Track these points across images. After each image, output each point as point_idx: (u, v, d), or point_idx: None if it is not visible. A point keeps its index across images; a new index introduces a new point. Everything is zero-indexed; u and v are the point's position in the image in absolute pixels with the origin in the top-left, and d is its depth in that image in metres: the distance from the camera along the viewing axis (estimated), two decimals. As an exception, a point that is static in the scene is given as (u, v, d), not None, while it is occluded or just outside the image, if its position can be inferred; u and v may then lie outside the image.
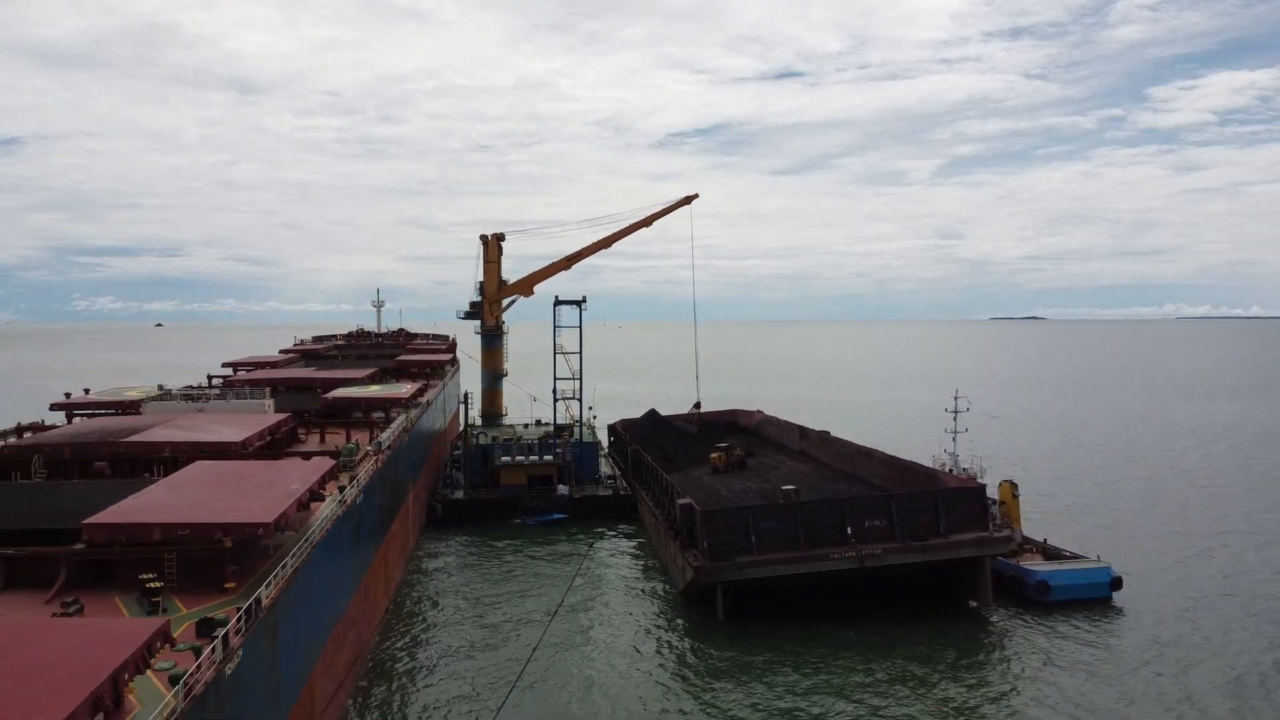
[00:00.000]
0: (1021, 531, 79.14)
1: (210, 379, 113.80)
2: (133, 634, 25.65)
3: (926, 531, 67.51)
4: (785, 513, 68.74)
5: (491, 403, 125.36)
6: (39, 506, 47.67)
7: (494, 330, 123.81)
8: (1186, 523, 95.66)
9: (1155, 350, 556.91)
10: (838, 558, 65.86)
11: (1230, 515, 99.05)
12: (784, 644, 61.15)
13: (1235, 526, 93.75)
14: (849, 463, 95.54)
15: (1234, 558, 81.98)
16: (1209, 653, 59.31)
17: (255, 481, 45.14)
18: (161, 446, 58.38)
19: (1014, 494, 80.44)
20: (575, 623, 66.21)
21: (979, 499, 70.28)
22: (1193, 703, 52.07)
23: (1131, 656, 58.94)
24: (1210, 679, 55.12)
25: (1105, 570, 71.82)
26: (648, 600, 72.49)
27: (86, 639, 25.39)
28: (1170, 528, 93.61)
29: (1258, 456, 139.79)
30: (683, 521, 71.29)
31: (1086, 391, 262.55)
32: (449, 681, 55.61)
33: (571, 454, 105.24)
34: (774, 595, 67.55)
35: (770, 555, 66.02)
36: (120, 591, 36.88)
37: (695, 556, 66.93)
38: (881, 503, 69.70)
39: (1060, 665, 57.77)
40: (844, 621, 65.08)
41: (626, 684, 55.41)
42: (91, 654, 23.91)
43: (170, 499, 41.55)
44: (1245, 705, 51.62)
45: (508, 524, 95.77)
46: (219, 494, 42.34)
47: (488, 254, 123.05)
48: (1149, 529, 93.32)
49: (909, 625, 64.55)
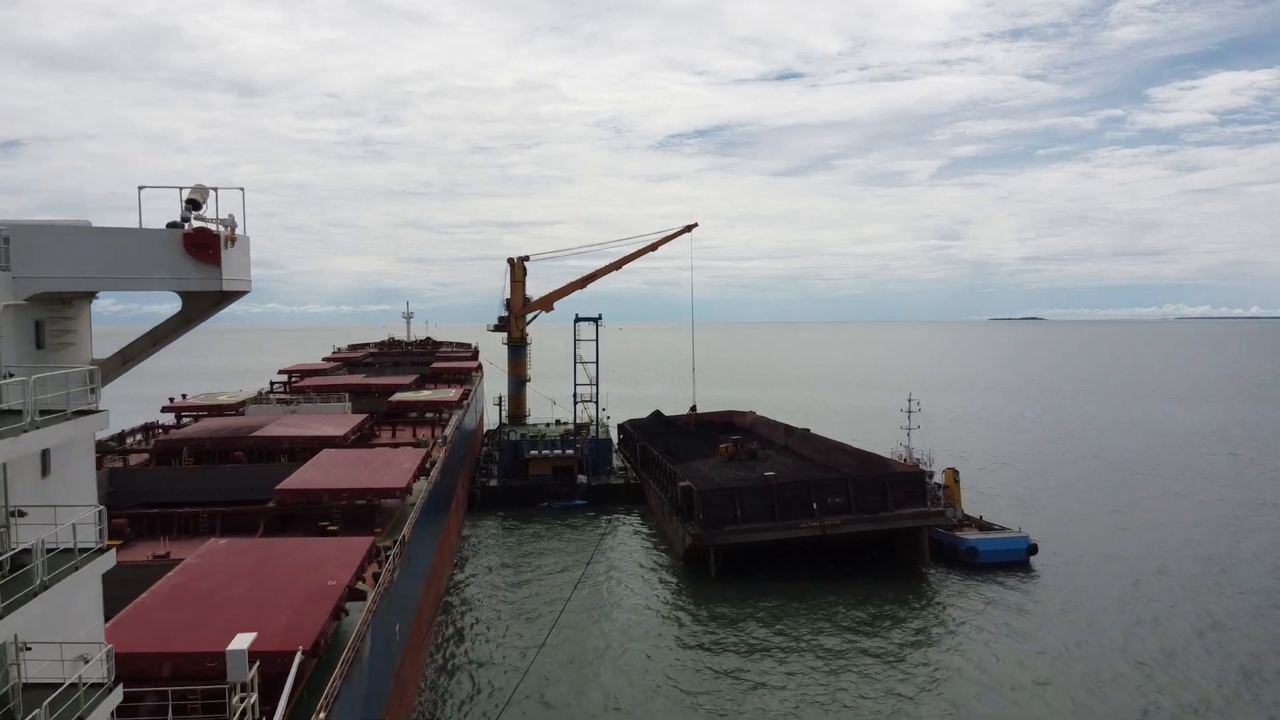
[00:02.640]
0: (961, 509, 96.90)
1: (273, 385, 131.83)
2: (361, 544, 43.46)
3: (876, 506, 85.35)
4: (764, 492, 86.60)
5: (517, 405, 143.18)
6: (203, 485, 65.96)
7: (519, 342, 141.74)
8: (1102, 504, 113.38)
9: (1140, 351, 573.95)
10: (805, 527, 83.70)
11: (1144, 499, 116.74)
12: (764, 595, 78.48)
13: (1148, 508, 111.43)
14: (825, 455, 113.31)
15: (1139, 532, 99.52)
16: (1102, 601, 75.91)
17: (378, 462, 63.04)
18: (282, 440, 76.14)
19: (956, 479, 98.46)
20: (597, 581, 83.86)
21: (919, 481, 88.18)
22: (1086, 633, 68.54)
23: (1039, 605, 75.68)
24: (1100, 620, 71.45)
25: (1024, 539, 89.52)
26: (654, 564, 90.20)
27: (338, 546, 43.17)
28: (1086, 508, 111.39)
29: (1186, 451, 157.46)
30: (683, 500, 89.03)
31: (1048, 393, 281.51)
32: (503, 621, 73.14)
33: (589, 449, 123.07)
34: (756, 557, 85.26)
35: (752, 525, 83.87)
36: (302, 535, 54.54)
37: (693, 527, 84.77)
38: (840, 483, 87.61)
39: (982, 611, 74.64)
40: (811, 577, 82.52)
41: (641, 626, 72.44)
42: (345, 551, 41.68)
43: (324, 473, 59.34)
44: (1125, 637, 68.11)
45: (536, 508, 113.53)
46: (357, 470, 60.15)
47: (514, 274, 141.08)
48: (1068, 508, 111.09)
49: (862, 580, 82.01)
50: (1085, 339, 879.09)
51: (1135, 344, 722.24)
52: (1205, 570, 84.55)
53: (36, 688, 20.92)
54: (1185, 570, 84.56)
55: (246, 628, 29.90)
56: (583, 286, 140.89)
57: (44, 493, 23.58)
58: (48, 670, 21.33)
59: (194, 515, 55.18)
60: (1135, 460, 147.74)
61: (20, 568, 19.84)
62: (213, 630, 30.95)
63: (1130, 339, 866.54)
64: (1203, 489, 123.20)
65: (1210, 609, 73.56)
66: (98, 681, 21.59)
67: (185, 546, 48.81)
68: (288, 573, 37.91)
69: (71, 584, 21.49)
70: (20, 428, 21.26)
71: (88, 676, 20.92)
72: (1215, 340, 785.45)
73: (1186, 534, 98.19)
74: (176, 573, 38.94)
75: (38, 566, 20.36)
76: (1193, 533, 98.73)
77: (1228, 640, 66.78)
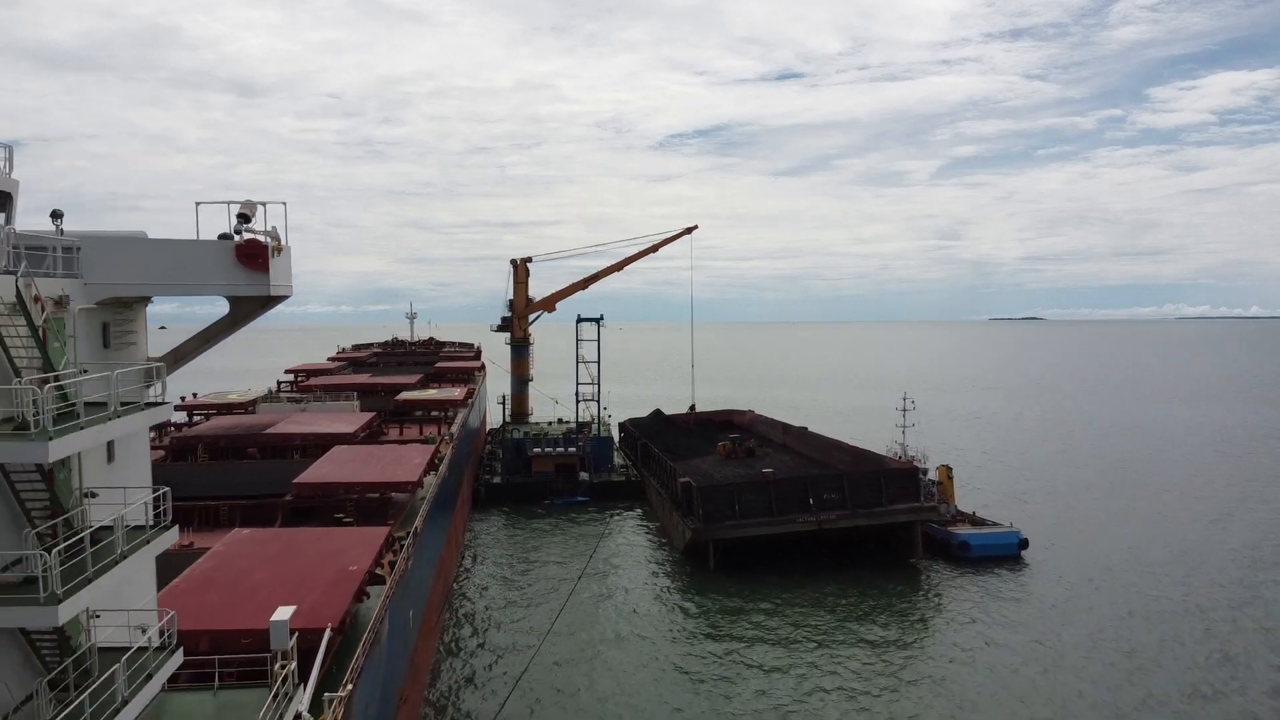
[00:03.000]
0: (955, 505, 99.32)
1: (279, 384, 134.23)
2: (378, 534, 45.87)
3: (871, 502, 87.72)
4: (762, 488, 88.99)
5: (520, 404, 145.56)
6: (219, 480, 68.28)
7: (522, 342, 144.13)
8: (1094, 501, 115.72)
9: (1139, 352, 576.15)
10: (802, 521, 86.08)
11: (1137, 496, 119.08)
12: (761, 587, 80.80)
13: (1139, 505, 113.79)
14: (822, 453, 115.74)
15: (1130, 528, 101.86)
16: (1090, 593, 78.29)
17: (389, 458, 65.45)
18: (294, 437, 78.53)
19: (949, 475, 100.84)
20: (601, 574, 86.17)
21: (913, 477, 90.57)
22: (1074, 624, 70.71)
23: (1029, 597, 78.06)
24: (1087, 611, 73.82)
25: (1015, 534, 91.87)
26: (655, 558, 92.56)
27: (357, 535, 45.59)
28: (1078, 505, 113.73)
29: (1180, 450, 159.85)
30: (683, 495, 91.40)
31: (1044, 392, 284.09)
32: (509, 610, 75.52)
33: (590, 447, 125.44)
34: (753, 551, 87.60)
35: (750, 520, 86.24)
36: (319, 526, 56.93)
37: (693, 522, 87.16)
38: (836, 479, 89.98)
39: (974, 602, 77.01)
40: (807, 571, 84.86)
41: (643, 616, 74.83)
42: (364, 540, 44.08)
43: (338, 468, 61.77)
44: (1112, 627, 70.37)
45: (539, 504, 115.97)
46: (370, 465, 62.57)
47: (517, 276, 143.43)
48: (1061, 505, 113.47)
49: (857, 574, 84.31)
50: (1085, 339, 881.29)
51: (1134, 344, 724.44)
52: (1192, 564, 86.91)
53: (108, 650, 23.37)
54: (1173, 564, 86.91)
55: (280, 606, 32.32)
56: (584, 287, 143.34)
57: (109, 477, 26.06)
58: (113, 636, 23.79)
59: (214, 507, 57.59)
60: (1129, 459, 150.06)
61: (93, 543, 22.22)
62: (245, 610, 33.35)
63: (1130, 339, 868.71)
64: (1194, 487, 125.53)
65: (1198, 602, 75.84)
66: (161, 645, 24.10)
67: (208, 537, 51.20)
68: (311, 559, 40.32)
69: (139, 558, 23.94)
70: (105, 416, 23.80)
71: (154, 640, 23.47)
72: (1215, 340, 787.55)
73: (1176, 530, 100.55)
74: (206, 559, 41.35)
75: (118, 539, 22.82)
76: (1182, 529, 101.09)
77: (1213, 631, 69.12)
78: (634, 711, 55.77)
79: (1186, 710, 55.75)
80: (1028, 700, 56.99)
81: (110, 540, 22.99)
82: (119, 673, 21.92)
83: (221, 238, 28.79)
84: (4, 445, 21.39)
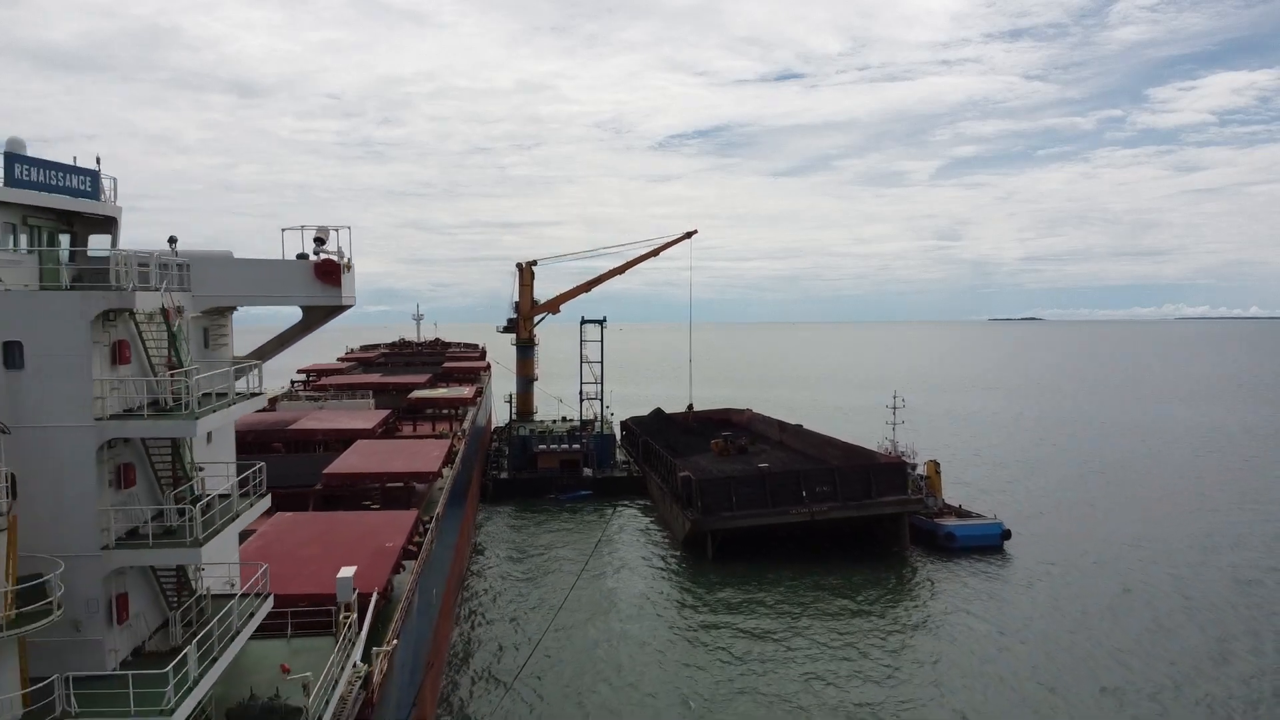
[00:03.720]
0: (942, 498, 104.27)
1: (293, 383, 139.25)
2: (408, 516, 50.81)
3: (860, 494, 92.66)
4: (757, 481, 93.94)
5: (525, 403, 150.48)
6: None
7: (527, 343, 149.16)
8: (1077, 496, 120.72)
9: (1137, 352, 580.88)
10: (795, 513, 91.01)
11: (1119, 492, 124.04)
12: (756, 575, 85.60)
13: (1121, 500, 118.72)
14: (815, 449, 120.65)
15: (1110, 522, 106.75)
16: (1068, 581, 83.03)
17: (409, 451, 70.40)
18: (317, 432, 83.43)
19: (937, 470, 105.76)
20: (604, 564, 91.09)
21: (901, 471, 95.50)
22: (1051, 610, 75.55)
23: (1010, 584, 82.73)
24: (1065, 599, 78.50)
25: (998, 525, 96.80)
26: (656, 548, 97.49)
27: (390, 517, 50.55)
28: (1062, 499, 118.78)
29: (1167, 447, 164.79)
30: (683, 489, 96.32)
31: (1039, 392, 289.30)
32: (518, 593, 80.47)
33: (594, 444, 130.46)
34: (749, 541, 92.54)
35: (746, 512, 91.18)
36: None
37: (691, 513, 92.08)
38: (828, 473, 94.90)
39: (956, 589, 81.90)
40: (800, 560, 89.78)
41: (644, 601, 79.58)
42: (396, 521, 49.02)
43: (364, 460, 66.70)
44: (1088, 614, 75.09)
45: (545, 498, 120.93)
46: (393, 457, 67.50)
47: (522, 279, 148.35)
48: (1044, 499, 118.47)
49: (847, 563, 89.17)
50: (1083, 339, 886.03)
51: (1133, 344, 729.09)
52: (1167, 554, 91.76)
53: (216, 597, 28.66)
54: (1148, 554, 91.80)
55: (330, 574, 37.32)
56: (588, 290, 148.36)
57: (207, 455, 31.08)
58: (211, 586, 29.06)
59: None
60: (1115, 456, 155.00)
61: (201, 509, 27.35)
62: (302, 576, 38.27)
63: (1129, 339, 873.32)
64: (1176, 482, 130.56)
65: (1171, 588, 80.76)
66: (259, 592, 29.38)
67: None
68: (350, 536, 45.27)
69: (240, 520, 29.13)
70: (228, 402, 29.07)
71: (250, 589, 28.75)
72: (1214, 341, 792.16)
73: (1155, 522, 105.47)
74: (255, 539, 46.28)
75: (234, 500, 28.11)
76: (1160, 521, 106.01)
77: (1186, 618, 74.00)
78: (641, 691, 60.48)
79: (1155, 685, 60.62)
80: (1008, 679, 61.59)
81: (227, 502, 28.28)
82: (233, 608, 27.19)
83: (299, 257, 33.96)
84: (162, 423, 26.66)
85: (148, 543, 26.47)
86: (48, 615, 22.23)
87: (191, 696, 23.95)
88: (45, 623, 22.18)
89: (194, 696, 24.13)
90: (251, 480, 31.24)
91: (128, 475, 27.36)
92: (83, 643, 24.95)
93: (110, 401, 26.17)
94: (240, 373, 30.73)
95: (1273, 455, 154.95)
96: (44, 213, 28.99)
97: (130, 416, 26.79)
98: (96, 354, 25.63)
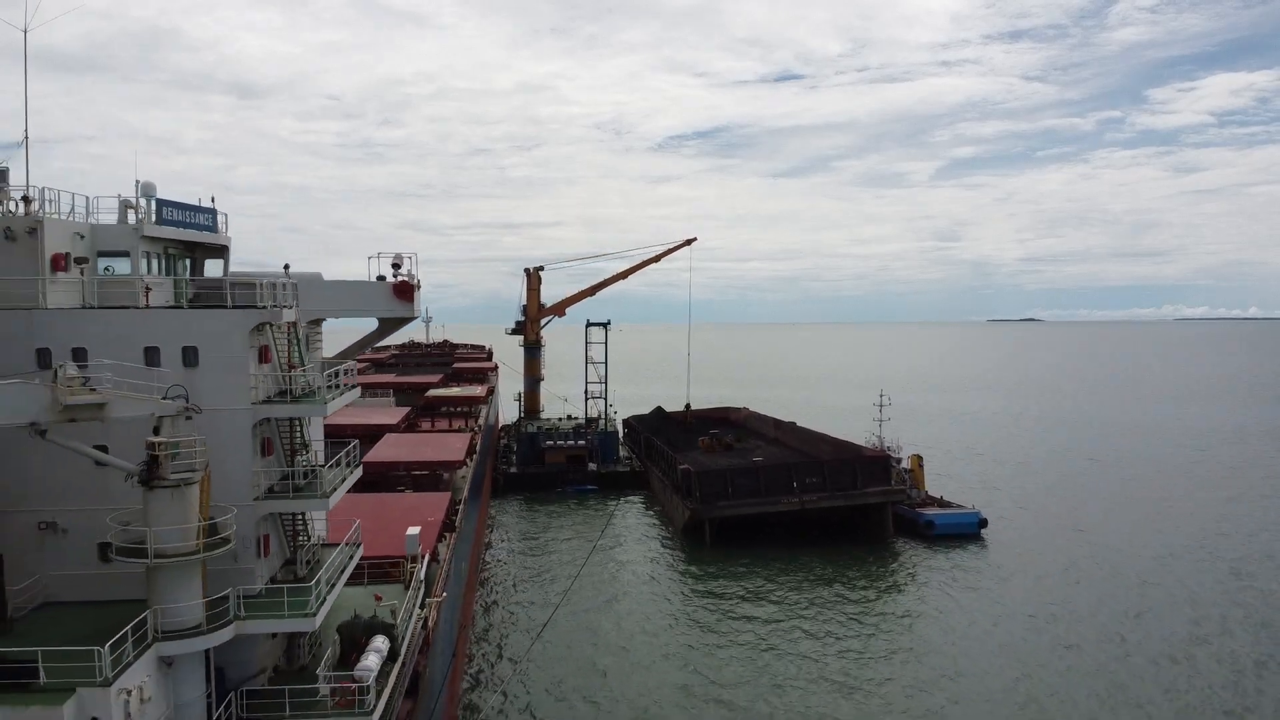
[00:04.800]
0: (925, 490, 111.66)
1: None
2: (443, 497, 58.16)
3: (847, 485, 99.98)
4: (752, 473, 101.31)
5: (532, 401, 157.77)
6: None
7: (534, 344, 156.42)
8: (1052, 489, 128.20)
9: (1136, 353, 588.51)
10: (786, 503, 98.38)
11: (1093, 486, 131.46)
12: (751, 559, 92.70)
13: (1093, 493, 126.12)
14: (807, 444, 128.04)
15: (1079, 511, 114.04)
16: (1037, 564, 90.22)
17: (435, 442, 77.81)
18: (347, 427, 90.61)
19: (920, 464, 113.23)
20: (610, 548, 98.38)
21: (885, 464, 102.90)
22: (1022, 588, 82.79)
23: (984, 566, 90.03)
24: (1034, 580, 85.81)
25: (976, 514, 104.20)
26: (657, 535, 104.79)
27: (429, 497, 57.85)
28: (1037, 491, 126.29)
29: (1146, 444, 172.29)
30: (682, 480, 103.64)
31: (1028, 392, 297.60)
32: (531, 579, 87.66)
33: (598, 440, 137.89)
34: (744, 528, 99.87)
35: (741, 501, 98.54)
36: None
37: (690, 503, 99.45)
38: (817, 466, 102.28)
39: (934, 570, 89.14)
40: (791, 545, 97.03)
41: (648, 584, 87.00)
42: (434, 500, 56.41)
43: (396, 450, 74.10)
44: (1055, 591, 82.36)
45: (552, 491, 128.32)
46: (421, 448, 74.86)
47: (529, 283, 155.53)
48: (1023, 492, 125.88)
49: (835, 548, 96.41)
50: (1082, 340, 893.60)
51: (1131, 345, 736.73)
52: (1134, 540, 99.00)
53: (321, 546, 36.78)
54: (1114, 540, 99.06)
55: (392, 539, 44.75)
56: (592, 294, 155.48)
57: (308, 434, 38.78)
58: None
59: None
60: (1098, 453, 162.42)
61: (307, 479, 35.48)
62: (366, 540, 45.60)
63: (1128, 340, 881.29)
64: (1154, 477, 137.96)
65: (1133, 570, 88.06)
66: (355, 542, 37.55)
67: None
68: (399, 511, 52.70)
69: (347, 482, 37.16)
70: (341, 391, 37.33)
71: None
72: (1213, 342, 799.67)
73: (1127, 513, 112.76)
74: (321, 512, 53.69)
75: (342, 467, 35.94)
76: (1132, 511, 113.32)
77: (1144, 597, 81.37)
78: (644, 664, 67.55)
79: (1107, 651, 67.91)
80: (976, 649, 68.67)
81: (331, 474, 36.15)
82: (342, 553, 35.21)
83: (379, 279, 41.92)
84: (302, 405, 35.00)
85: (288, 495, 34.75)
86: (224, 546, 30.19)
87: (324, 607, 32.68)
88: (220, 552, 30.11)
89: (325, 607, 32.88)
90: (348, 455, 39.04)
91: (269, 446, 35.68)
92: (239, 570, 32.76)
93: (259, 391, 34.07)
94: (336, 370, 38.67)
95: (1255, 452, 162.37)
96: (177, 244, 36.98)
97: (274, 401, 34.77)
98: (250, 356, 33.43)
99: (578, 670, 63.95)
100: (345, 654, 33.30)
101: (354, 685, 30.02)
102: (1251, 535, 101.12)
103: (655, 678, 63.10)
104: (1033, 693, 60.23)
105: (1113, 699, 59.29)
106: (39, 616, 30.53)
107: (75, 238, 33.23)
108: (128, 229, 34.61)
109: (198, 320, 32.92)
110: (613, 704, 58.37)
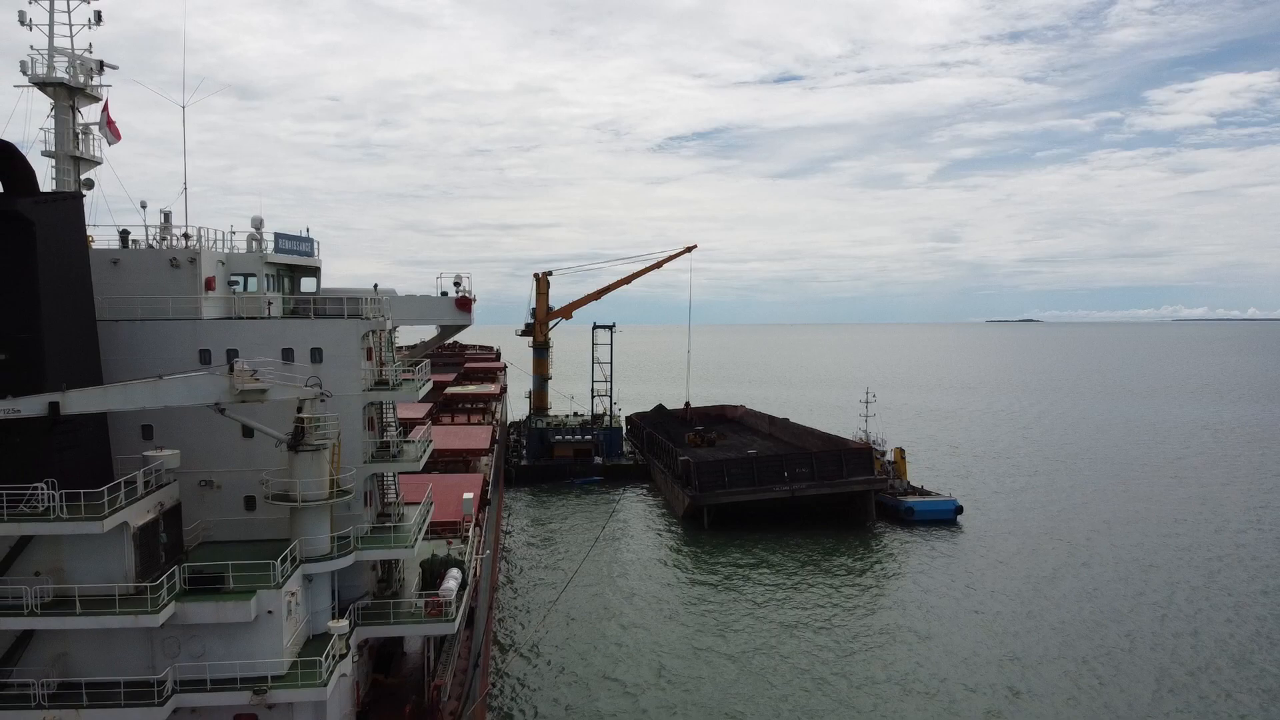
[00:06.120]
0: (908, 480, 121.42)
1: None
2: (478, 477, 67.91)
3: (834, 475, 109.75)
4: (746, 464, 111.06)
5: (540, 399, 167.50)
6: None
7: (543, 345, 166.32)
8: (1026, 479, 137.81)
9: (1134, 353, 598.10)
10: (778, 491, 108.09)
11: (1068, 478, 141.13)
12: (745, 543, 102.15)
13: (1063, 483, 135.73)
14: (799, 438, 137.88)
15: (1050, 500, 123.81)
16: (1008, 547, 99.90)
17: (463, 433, 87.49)
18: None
19: (903, 456, 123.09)
20: (616, 533, 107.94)
21: (868, 456, 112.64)
22: (991, 572, 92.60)
23: (958, 548, 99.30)
24: (1004, 562, 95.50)
25: (952, 502, 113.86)
26: (658, 522, 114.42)
27: (466, 477, 67.51)
28: (1012, 482, 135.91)
29: (1123, 440, 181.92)
30: (683, 471, 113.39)
31: (1015, 390, 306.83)
32: (544, 559, 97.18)
33: (603, 436, 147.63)
34: (739, 514, 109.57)
35: (737, 489, 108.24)
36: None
37: (690, 491, 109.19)
38: (806, 458, 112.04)
39: (912, 552, 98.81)
40: (783, 530, 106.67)
41: (651, 566, 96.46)
42: (470, 479, 66.11)
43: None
44: (1022, 570, 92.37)
45: (560, 483, 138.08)
46: (450, 437, 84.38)
47: (538, 288, 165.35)
48: (1002, 482, 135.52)
49: (822, 532, 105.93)
50: (1080, 341, 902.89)
51: (1129, 346, 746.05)
52: (1100, 526, 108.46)
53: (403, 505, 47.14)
54: (1082, 526, 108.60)
55: (439, 508, 54.44)
56: (597, 298, 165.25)
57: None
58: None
59: None
60: (1078, 448, 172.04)
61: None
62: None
63: (1127, 341, 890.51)
64: (1129, 470, 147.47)
65: (1096, 553, 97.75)
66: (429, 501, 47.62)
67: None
68: (442, 487, 62.28)
69: (427, 452, 47.30)
70: (423, 382, 46.94)
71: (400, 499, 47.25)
72: (1211, 342, 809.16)
73: (1094, 502, 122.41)
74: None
75: (422, 442, 46.04)
76: (1106, 500, 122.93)
77: (1101, 574, 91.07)
78: (648, 631, 77.15)
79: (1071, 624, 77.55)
80: (948, 620, 78.15)
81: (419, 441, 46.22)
82: (422, 509, 45.27)
83: (442, 295, 51.99)
84: (399, 393, 44.56)
85: (389, 458, 44.64)
86: (346, 495, 39.89)
87: (418, 541, 42.89)
88: (343, 500, 39.86)
89: (419, 542, 42.99)
90: (423, 434, 49.20)
91: (371, 423, 45.23)
92: (353, 515, 42.19)
93: (367, 381, 43.45)
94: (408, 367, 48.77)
95: (1238, 448, 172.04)
96: (285, 267, 46.58)
97: (377, 389, 44.24)
98: (360, 354, 42.89)
99: (589, 629, 73.50)
100: (427, 584, 43.14)
101: (441, 600, 40.03)
102: (1211, 520, 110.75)
103: (655, 635, 72.52)
104: (993, 654, 69.12)
105: (1064, 657, 68.75)
106: (200, 551, 40.22)
107: (219, 264, 42.96)
108: (254, 256, 44.28)
109: (323, 328, 42.37)
110: (617, 650, 68.14)
